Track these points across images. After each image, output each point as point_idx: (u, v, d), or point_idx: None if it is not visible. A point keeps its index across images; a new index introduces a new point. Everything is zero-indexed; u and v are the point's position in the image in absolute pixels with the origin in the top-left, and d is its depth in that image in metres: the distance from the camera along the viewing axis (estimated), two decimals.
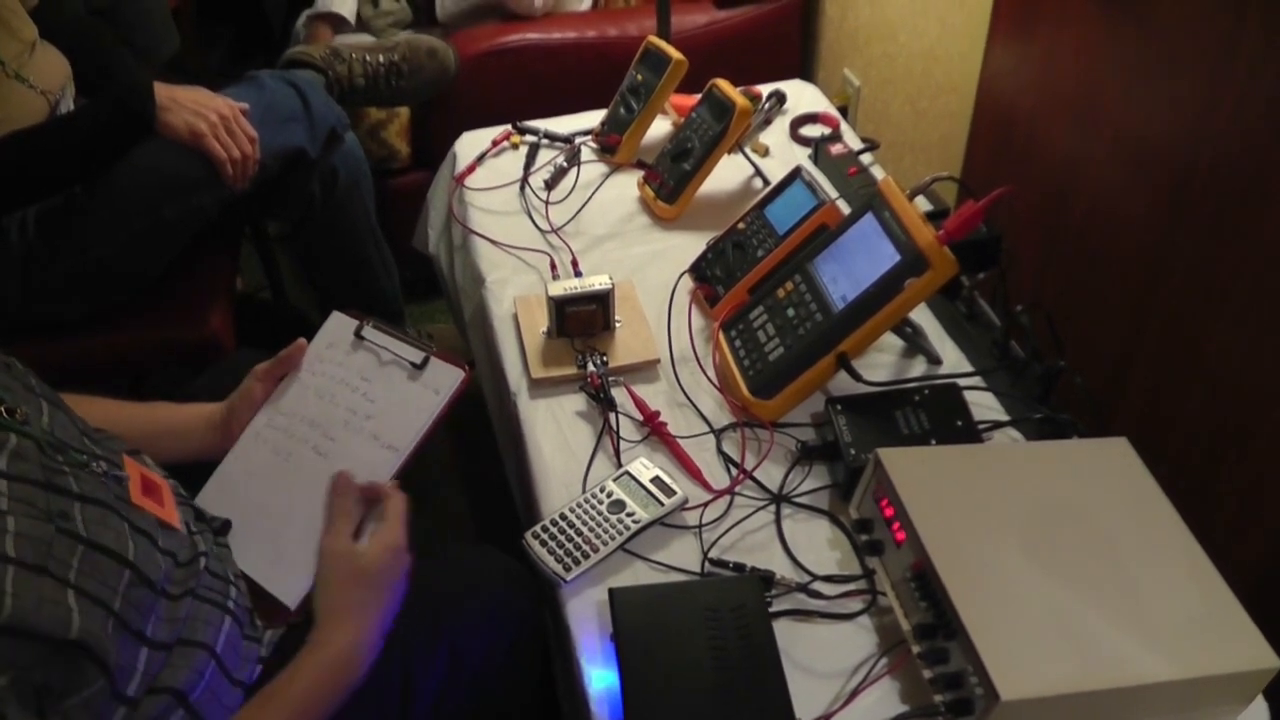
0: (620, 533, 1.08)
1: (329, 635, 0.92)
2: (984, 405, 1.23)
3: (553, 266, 1.47)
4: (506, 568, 1.12)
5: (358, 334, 1.12)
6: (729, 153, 1.55)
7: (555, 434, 1.23)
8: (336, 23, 2.25)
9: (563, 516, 1.10)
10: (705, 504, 1.13)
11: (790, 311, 1.22)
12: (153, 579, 0.86)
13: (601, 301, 1.30)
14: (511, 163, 1.70)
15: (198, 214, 1.59)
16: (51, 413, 0.91)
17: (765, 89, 1.76)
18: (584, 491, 1.13)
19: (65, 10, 1.64)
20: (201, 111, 1.53)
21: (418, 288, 2.26)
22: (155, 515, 0.92)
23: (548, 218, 1.56)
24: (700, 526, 1.11)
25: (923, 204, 1.42)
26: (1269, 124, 1.11)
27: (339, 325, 1.14)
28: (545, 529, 1.09)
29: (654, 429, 1.21)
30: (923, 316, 1.35)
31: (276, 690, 0.90)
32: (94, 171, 1.51)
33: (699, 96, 1.58)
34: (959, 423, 1.14)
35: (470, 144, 1.75)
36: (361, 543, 0.96)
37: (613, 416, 1.22)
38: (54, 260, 1.52)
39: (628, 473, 1.14)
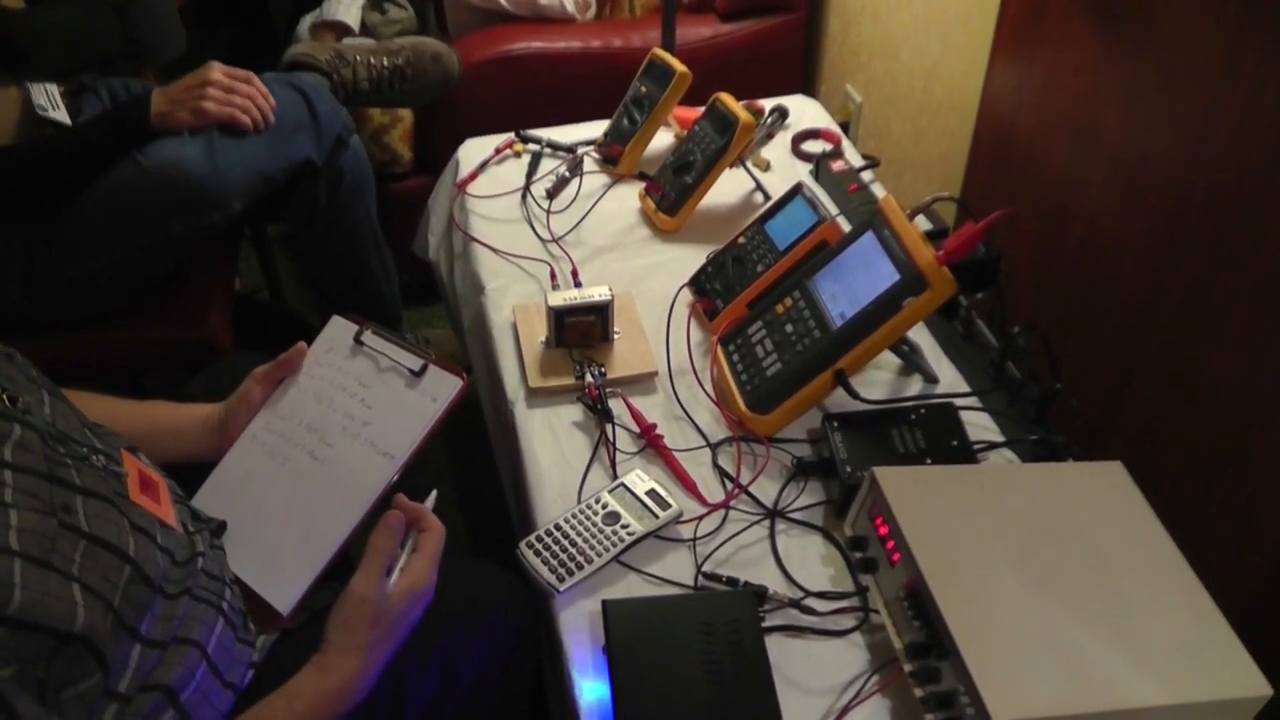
0: (615, 544, 1.08)
1: (335, 664, 0.91)
2: (980, 425, 1.23)
3: (553, 276, 1.47)
4: (504, 583, 1.11)
5: (357, 339, 1.12)
6: (730, 167, 1.56)
7: (552, 444, 1.23)
8: (341, 30, 2.25)
9: (557, 527, 1.10)
10: (700, 517, 1.13)
11: (789, 327, 1.23)
12: (151, 576, 0.86)
13: (601, 312, 1.30)
14: (514, 171, 1.70)
15: (207, 229, 1.59)
16: (53, 404, 0.91)
17: (768, 103, 1.77)
18: (579, 502, 1.14)
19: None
20: (193, 93, 1.56)
21: (416, 292, 2.26)
22: (153, 513, 0.92)
23: (549, 227, 1.57)
24: (694, 540, 1.11)
25: (922, 223, 1.42)
26: (1268, 148, 1.12)
27: (339, 330, 1.14)
28: (540, 539, 1.09)
29: (650, 441, 1.21)
30: (920, 335, 1.36)
31: (274, 713, 0.89)
32: (91, 179, 1.53)
33: (702, 109, 1.58)
34: (954, 442, 1.15)
35: (473, 151, 1.76)
36: (390, 581, 0.95)
37: (609, 428, 1.22)
38: (57, 264, 1.52)
39: (623, 484, 1.14)
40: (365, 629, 0.92)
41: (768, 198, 1.61)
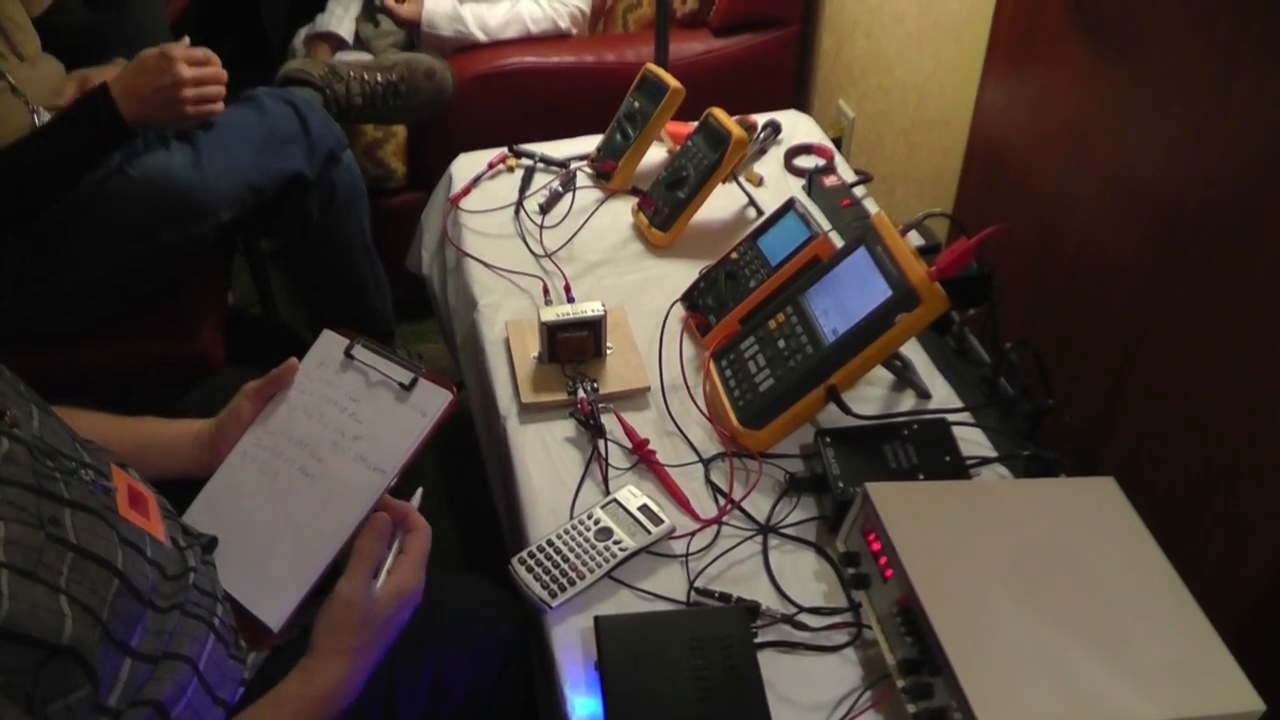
0: (607, 560, 1.07)
1: (321, 668, 0.91)
2: (972, 441, 1.23)
3: (545, 291, 1.47)
4: (494, 598, 1.11)
5: (348, 353, 1.12)
6: (723, 182, 1.56)
7: (544, 459, 1.23)
8: (335, 42, 2.26)
9: (549, 543, 1.10)
10: (692, 533, 1.13)
11: (781, 343, 1.23)
12: (140, 589, 0.85)
13: (593, 328, 1.30)
14: (507, 186, 1.70)
15: (196, 240, 1.59)
16: (42, 418, 0.91)
17: (761, 119, 1.77)
18: (571, 518, 1.13)
19: (67, 22, 1.65)
20: (166, 95, 1.50)
21: (409, 308, 2.26)
22: (142, 527, 0.91)
23: (541, 242, 1.57)
24: (687, 556, 1.11)
25: (914, 239, 1.43)
26: (1258, 167, 1.12)
27: (329, 344, 1.14)
28: (532, 555, 1.09)
29: (643, 457, 1.21)
30: (912, 351, 1.36)
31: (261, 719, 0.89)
32: (75, 180, 1.51)
33: (695, 125, 1.59)
34: (947, 458, 1.15)
35: (466, 166, 1.76)
36: (377, 584, 0.95)
37: (602, 443, 1.22)
38: (48, 276, 1.52)
39: (615, 500, 1.14)
40: (351, 633, 0.92)
41: (760, 213, 1.62)
